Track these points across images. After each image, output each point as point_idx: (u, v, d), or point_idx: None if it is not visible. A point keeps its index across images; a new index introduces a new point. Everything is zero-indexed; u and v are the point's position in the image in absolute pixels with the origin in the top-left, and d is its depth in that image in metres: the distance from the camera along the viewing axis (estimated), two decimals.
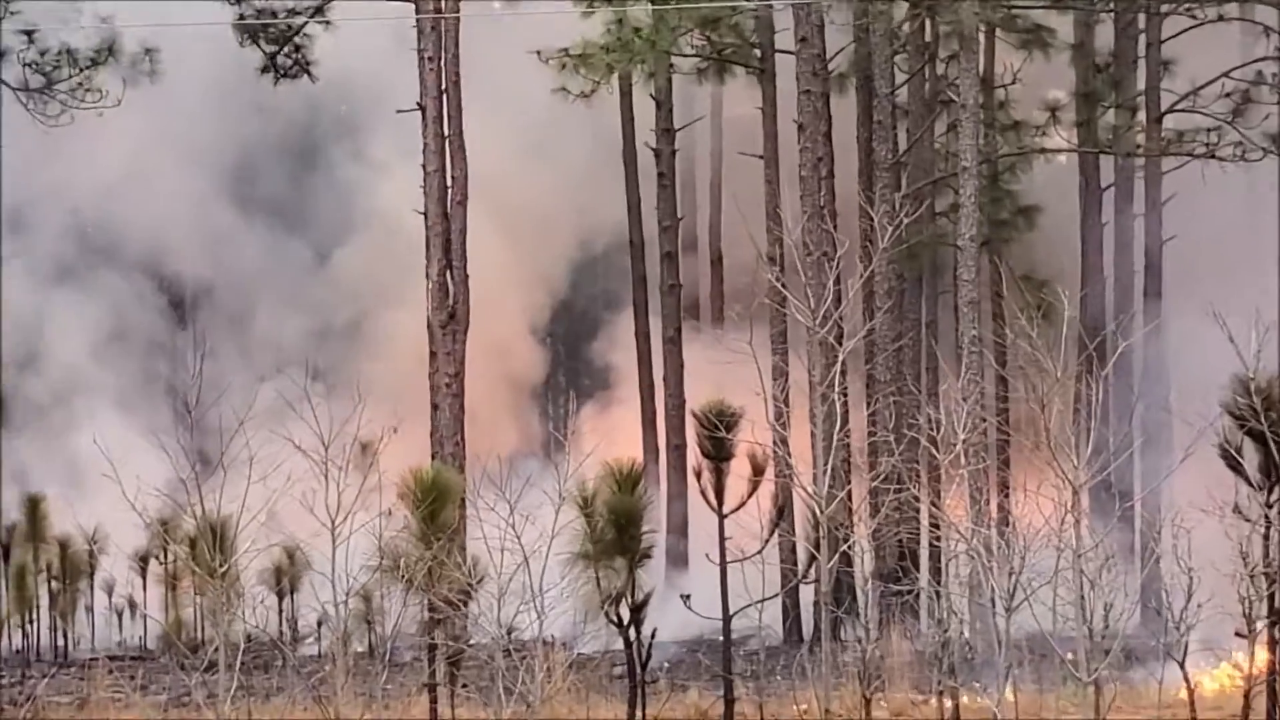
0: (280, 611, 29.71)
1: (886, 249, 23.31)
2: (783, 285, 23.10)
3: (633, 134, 35.89)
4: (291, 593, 29.55)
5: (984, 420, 23.70)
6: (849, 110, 32.50)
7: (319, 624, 27.64)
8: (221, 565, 18.07)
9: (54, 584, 32.03)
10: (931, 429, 18.44)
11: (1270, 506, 17.83)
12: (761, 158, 32.81)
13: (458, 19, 31.53)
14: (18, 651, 31.69)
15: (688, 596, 20.41)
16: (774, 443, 19.55)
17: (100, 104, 32.34)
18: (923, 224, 31.37)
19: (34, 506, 32.06)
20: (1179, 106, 31.63)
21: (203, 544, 18.26)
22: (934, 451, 18.45)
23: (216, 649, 17.96)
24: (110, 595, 33.16)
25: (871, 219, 25.41)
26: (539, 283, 40.23)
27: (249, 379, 32.09)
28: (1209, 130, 31.13)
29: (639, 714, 19.53)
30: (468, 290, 31.60)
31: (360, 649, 25.52)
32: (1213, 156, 30.85)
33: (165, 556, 31.16)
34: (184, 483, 18.69)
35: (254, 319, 38.46)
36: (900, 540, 26.87)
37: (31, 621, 31.79)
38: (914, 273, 32.66)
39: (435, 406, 31.43)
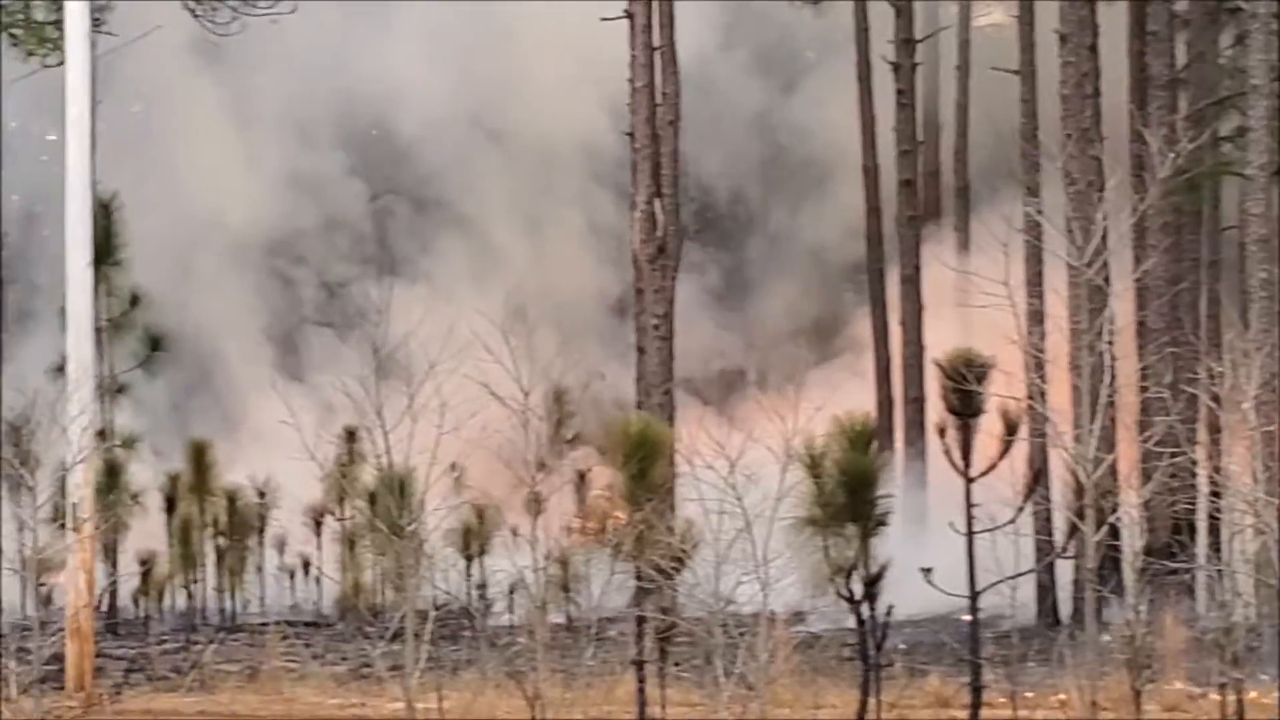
0: (468, 576, 30.01)
1: (1163, 179, 22.81)
2: (1043, 218, 22.71)
3: (867, 45, 35.58)
4: (480, 555, 29.80)
5: (1276, 375, 23.20)
6: (1119, 18, 31.93)
7: (510, 591, 27.84)
8: (408, 523, 18.15)
9: (221, 540, 32.45)
10: (1213, 384, 18.02)
11: None
12: (1017, 73, 32.34)
13: None
14: (181, 614, 32.19)
15: (929, 570, 20.20)
16: (1030, 397, 19.23)
17: (273, 10, 32.81)
18: (1204, 150, 30.72)
19: (199, 454, 32.32)
20: None
21: (385, 499, 18.31)
22: (1216, 410, 18.03)
23: (400, 616, 18.06)
24: (282, 553, 33.62)
25: (1145, 144, 24.93)
26: None
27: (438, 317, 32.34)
28: None
29: (872, 700, 19.38)
30: (679, 221, 31.55)
31: (557, 620, 25.67)
32: None
33: (343, 511, 31.56)
34: (367, 431, 18.78)
35: None
36: (1175, 511, 26.41)
37: (196, 581, 32.25)
38: (1194, 206, 32.05)
39: (641, 350, 31.44)
